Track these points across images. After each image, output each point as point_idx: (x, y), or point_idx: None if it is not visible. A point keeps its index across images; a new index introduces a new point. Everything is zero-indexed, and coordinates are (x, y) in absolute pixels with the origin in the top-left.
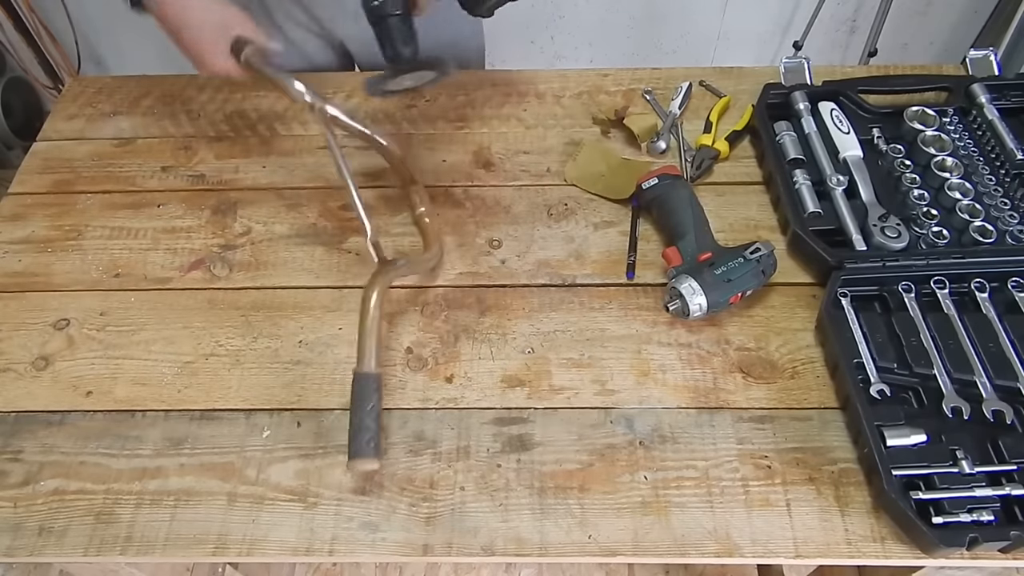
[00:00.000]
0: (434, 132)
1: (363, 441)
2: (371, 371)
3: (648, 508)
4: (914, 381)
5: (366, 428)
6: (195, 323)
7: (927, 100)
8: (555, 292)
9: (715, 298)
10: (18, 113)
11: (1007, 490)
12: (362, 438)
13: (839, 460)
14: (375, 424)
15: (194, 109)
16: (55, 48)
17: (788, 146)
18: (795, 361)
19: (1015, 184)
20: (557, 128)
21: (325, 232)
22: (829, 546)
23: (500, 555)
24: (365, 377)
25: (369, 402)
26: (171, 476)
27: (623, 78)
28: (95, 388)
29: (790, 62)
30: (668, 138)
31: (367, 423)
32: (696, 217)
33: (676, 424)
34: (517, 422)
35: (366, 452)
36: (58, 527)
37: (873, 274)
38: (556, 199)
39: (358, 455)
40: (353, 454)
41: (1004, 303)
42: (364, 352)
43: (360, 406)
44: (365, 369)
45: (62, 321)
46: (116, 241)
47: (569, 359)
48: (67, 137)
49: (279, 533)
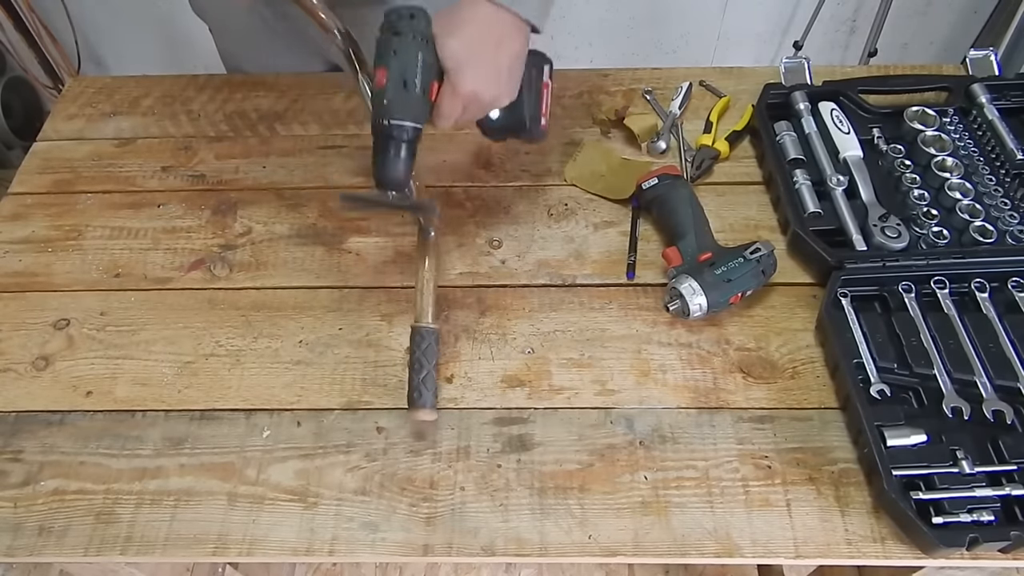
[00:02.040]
0: (434, 132)
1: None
2: (428, 324)
3: (648, 508)
4: (914, 381)
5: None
6: (195, 323)
7: (927, 100)
8: (555, 292)
9: (715, 298)
10: (18, 113)
11: (1007, 490)
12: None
13: (839, 460)
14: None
15: (194, 109)
16: (55, 48)
17: (788, 146)
18: (795, 361)
19: (1015, 184)
20: (557, 128)
21: (325, 232)
22: (829, 546)
23: (500, 555)
24: (423, 331)
25: (432, 356)
26: (171, 476)
27: (623, 78)
28: (95, 388)
29: (790, 62)
30: (668, 138)
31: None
32: (696, 217)
33: (676, 424)
34: (517, 422)
35: (428, 402)
36: (58, 527)
37: (873, 274)
38: (556, 199)
39: (420, 405)
40: (414, 404)
41: (1004, 303)
42: (422, 307)
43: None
44: (422, 323)
45: (62, 321)
46: (116, 241)
47: (569, 359)
48: (67, 137)
49: (279, 533)
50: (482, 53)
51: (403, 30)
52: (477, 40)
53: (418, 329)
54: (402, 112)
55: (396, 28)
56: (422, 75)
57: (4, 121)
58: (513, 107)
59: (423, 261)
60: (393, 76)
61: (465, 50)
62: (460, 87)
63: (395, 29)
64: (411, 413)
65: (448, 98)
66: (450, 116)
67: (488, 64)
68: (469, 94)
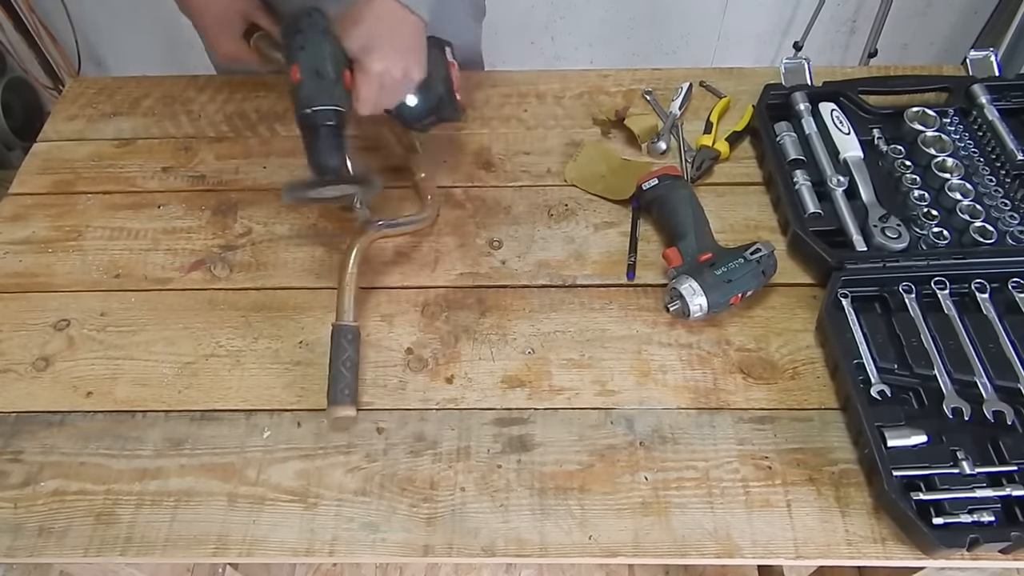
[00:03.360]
0: (434, 133)
1: (338, 389)
2: (347, 323)
3: (648, 509)
4: (914, 382)
5: (341, 376)
6: (195, 324)
7: (927, 101)
8: (555, 293)
9: (715, 299)
10: (18, 113)
11: (1007, 491)
12: (337, 386)
13: (839, 461)
14: (351, 374)
15: (194, 110)
16: (55, 48)
17: (788, 147)
18: (795, 362)
19: (1015, 185)
20: (557, 129)
21: (325, 233)
22: (830, 547)
23: (501, 556)
24: (341, 329)
25: (344, 352)
26: (171, 477)
27: (623, 79)
28: (95, 389)
29: (790, 63)
30: (668, 139)
31: (342, 372)
32: (696, 218)
33: (676, 425)
34: (517, 423)
35: (341, 399)
36: (58, 528)
37: (873, 275)
38: (556, 200)
39: (335, 402)
40: (331, 401)
41: (1004, 304)
42: (342, 305)
43: (336, 356)
44: (342, 321)
45: (62, 322)
46: (116, 242)
47: (569, 360)
48: (67, 138)
49: (279, 534)
50: (382, 35)
51: (304, 27)
52: (375, 25)
53: (336, 328)
54: (320, 98)
55: (298, 27)
56: (332, 63)
57: (4, 122)
58: (427, 88)
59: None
60: (305, 68)
61: (367, 34)
62: (369, 67)
63: (297, 27)
64: (329, 410)
65: (362, 80)
66: (368, 98)
67: (389, 44)
68: (381, 72)
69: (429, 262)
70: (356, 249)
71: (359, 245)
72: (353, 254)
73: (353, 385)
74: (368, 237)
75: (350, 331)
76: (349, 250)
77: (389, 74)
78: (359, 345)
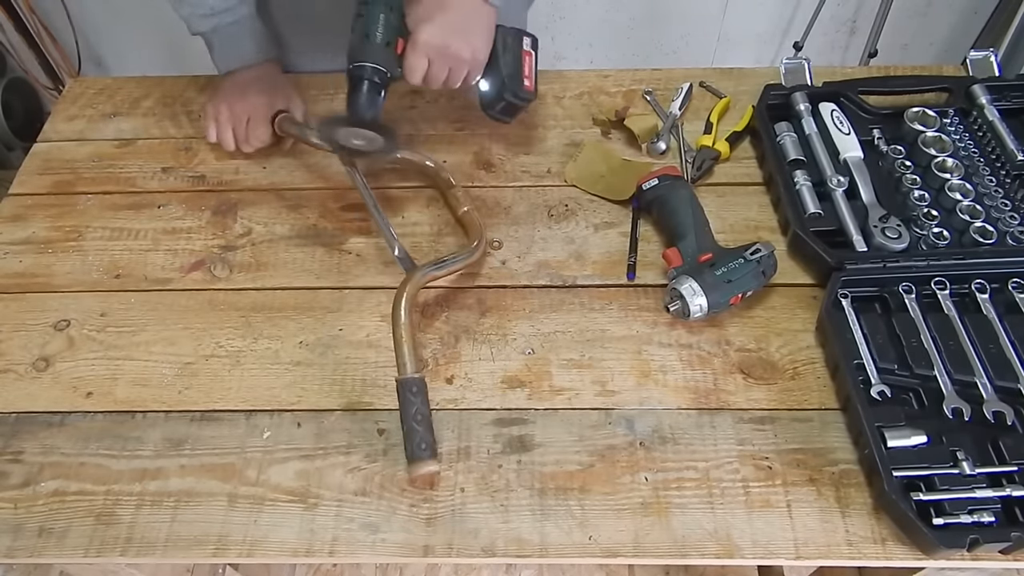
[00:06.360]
0: (434, 133)
1: (415, 445)
2: (409, 376)
3: (648, 509)
4: (915, 382)
5: (415, 432)
6: (195, 324)
7: (927, 101)
8: (555, 293)
9: (715, 299)
10: (18, 114)
11: (1008, 491)
12: (413, 442)
13: (840, 461)
14: (423, 427)
15: (194, 110)
16: (55, 49)
17: (788, 147)
18: (796, 362)
19: (1015, 185)
20: (557, 129)
21: (326, 233)
22: (830, 547)
23: (501, 556)
24: (405, 383)
25: (412, 406)
26: (171, 477)
27: (623, 79)
28: (95, 389)
29: (790, 63)
30: (668, 139)
31: (415, 428)
32: (696, 218)
33: (676, 425)
34: (517, 423)
35: (419, 455)
36: (58, 528)
37: (874, 275)
38: (556, 200)
39: (414, 459)
40: (410, 459)
41: (1005, 304)
42: (401, 358)
43: (406, 412)
44: (404, 375)
45: (62, 322)
46: (116, 242)
47: (569, 360)
48: (67, 138)
49: (280, 534)
50: (442, 13)
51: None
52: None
53: (399, 383)
54: (363, 56)
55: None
56: (384, 30)
57: (4, 122)
58: (493, 69)
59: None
60: (357, 30)
61: (425, 11)
62: (416, 38)
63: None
64: (410, 468)
65: (409, 49)
66: (414, 67)
67: (448, 22)
68: (426, 42)
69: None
70: (404, 297)
71: (407, 292)
72: (403, 303)
73: (428, 438)
74: (415, 284)
75: (414, 383)
76: (398, 300)
77: (443, 49)
78: (426, 395)
